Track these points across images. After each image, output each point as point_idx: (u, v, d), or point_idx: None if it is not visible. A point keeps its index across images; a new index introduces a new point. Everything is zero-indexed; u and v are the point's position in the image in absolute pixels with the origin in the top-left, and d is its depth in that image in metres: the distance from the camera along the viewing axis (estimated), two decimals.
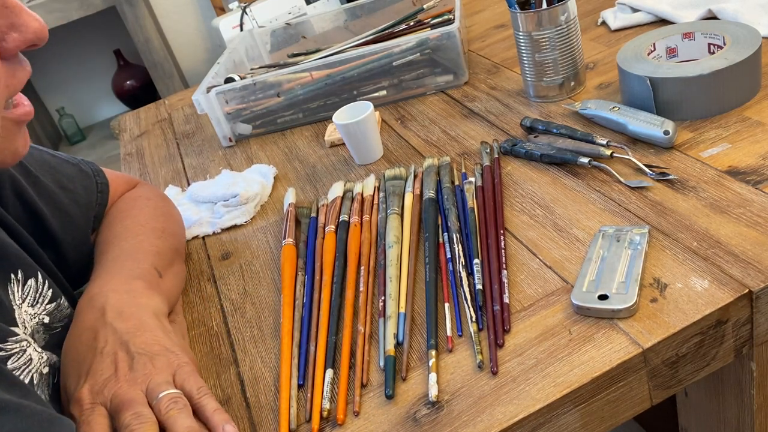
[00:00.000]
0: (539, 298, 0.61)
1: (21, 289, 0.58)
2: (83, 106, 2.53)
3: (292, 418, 0.57)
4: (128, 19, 2.06)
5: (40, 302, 0.60)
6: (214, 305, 0.75)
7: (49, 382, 0.56)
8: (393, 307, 0.64)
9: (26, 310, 0.58)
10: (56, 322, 0.60)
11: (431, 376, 0.56)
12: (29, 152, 0.72)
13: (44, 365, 0.56)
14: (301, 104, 1.09)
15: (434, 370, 0.57)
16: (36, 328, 0.58)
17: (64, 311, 0.62)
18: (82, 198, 0.75)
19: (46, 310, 0.60)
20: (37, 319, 0.58)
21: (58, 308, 0.61)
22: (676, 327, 0.54)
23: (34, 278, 0.60)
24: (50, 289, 0.62)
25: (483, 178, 0.79)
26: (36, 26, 0.50)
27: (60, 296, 0.63)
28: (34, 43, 0.50)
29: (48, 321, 0.59)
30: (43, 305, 0.60)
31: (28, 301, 0.58)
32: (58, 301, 0.62)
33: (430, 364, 0.57)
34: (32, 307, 0.58)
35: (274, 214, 0.88)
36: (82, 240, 0.74)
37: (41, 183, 0.71)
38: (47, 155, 0.75)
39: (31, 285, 0.60)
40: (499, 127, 0.90)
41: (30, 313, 0.58)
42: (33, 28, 0.49)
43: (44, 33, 0.50)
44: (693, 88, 0.76)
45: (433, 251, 0.69)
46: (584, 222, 0.68)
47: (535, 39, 0.88)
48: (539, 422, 0.52)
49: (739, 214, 0.63)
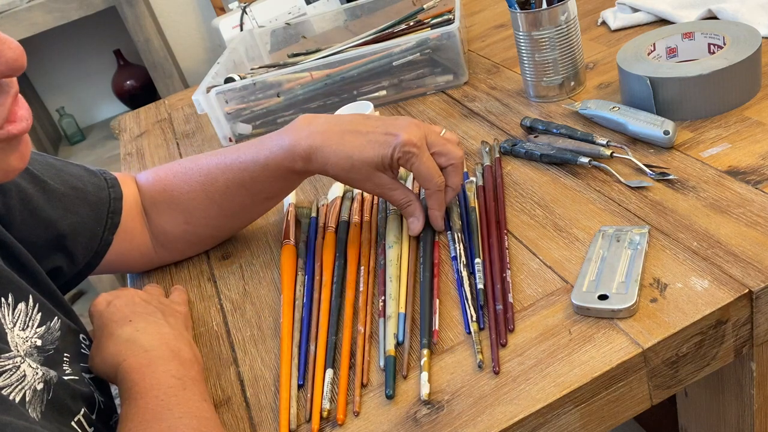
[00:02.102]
0: (539, 298, 0.61)
1: (11, 313, 0.58)
2: (83, 106, 2.53)
3: (292, 418, 0.57)
4: (128, 19, 2.06)
5: (31, 326, 0.59)
6: (214, 305, 0.75)
7: (43, 399, 0.55)
8: (393, 307, 0.64)
9: (18, 334, 0.57)
10: (48, 345, 0.60)
11: (423, 375, 0.56)
12: (33, 158, 0.73)
13: (39, 381, 0.55)
14: (301, 104, 1.09)
15: (426, 369, 0.57)
16: (29, 351, 0.57)
17: (55, 333, 0.61)
18: (92, 196, 0.75)
19: (36, 334, 0.59)
20: (29, 342, 0.58)
21: (48, 331, 0.61)
22: (676, 327, 0.54)
23: (24, 302, 0.60)
24: (39, 312, 0.61)
25: (484, 177, 0.79)
26: (9, 56, 0.46)
27: (50, 319, 0.62)
28: (8, 74, 0.47)
29: (41, 344, 0.59)
30: (33, 329, 0.59)
31: (19, 325, 0.58)
32: (48, 325, 0.61)
33: (422, 363, 0.57)
34: (23, 331, 0.58)
35: (274, 214, 0.88)
36: (92, 237, 0.74)
37: (50, 187, 0.71)
38: (51, 159, 0.75)
39: (21, 309, 0.59)
40: (499, 127, 0.90)
41: (22, 337, 0.57)
42: (6, 58, 0.46)
43: (18, 63, 0.46)
44: (693, 88, 0.76)
45: (429, 251, 0.69)
46: (584, 222, 0.68)
47: (535, 39, 0.88)
48: (539, 422, 0.52)
49: (739, 214, 0.62)
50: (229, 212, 0.77)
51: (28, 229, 0.68)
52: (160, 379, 0.55)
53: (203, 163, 0.76)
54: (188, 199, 0.76)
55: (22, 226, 0.67)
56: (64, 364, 0.60)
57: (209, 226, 0.79)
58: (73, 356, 0.62)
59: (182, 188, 0.77)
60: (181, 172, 0.77)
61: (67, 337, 0.62)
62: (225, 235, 0.83)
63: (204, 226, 0.79)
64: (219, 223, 0.79)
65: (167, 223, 0.78)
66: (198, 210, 0.77)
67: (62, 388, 0.56)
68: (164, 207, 0.78)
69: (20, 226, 0.67)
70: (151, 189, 0.79)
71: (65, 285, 0.74)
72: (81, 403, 0.58)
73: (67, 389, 0.57)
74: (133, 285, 0.84)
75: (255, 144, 0.73)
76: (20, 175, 0.69)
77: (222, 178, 0.74)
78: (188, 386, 0.55)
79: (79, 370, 0.61)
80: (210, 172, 0.75)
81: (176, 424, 0.52)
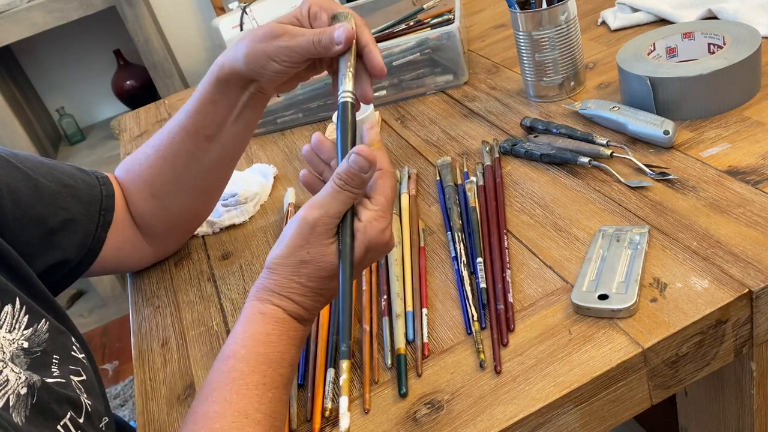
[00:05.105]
0: (539, 298, 0.61)
1: None
2: (83, 106, 2.53)
3: (293, 417, 0.57)
4: (128, 19, 2.06)
5: (17, 328, 0.59)
6: (214, 305, 0.75)
7: (27, 403, 0.54)
8: (400, 305, 0.64)
9: (4, 336, 0.57)
10: (35, 347, 0.60)
11: (342, 400, 0.50)
12: (24, 157, 0.73)
13: (22, 386, 0.54)
14: (301, 104, 1.09)
15: (346, 392, 0.50)
16: (15, 353, 0.57)
17: (42, 336, 0.61)
18: (84, 194, 0.75)
19: (23, 336, 0.59)
20: (15, 344, 0.58)
21: (35, 333, 0.60)
22: (676, 327, 0.54)
23: (11, 304, 0.60)
24: (27, 314, 0.61)
25: (484, 177, 0.79)
26: None
27: (38, 321, 0.62)
28: None
29: (27, 346, 0.59)
30: (20, 331, 0.59)
31: (5, 327, 0.58)
32: (35, 327, 0.61)
33: (341, 381, 0.51)
34: (10, 333, 0.58)
35: (274, 214, 0.88)
36: (85, 235, 0.74)
37: (41, 185, 0.71)
38: (42, 158, 0.76)
39: (8, 311, 0.59)
40: (499, 127, 0.90)
41: (8, 339, 0.57)
42: None
43: None
44: (693, 88, 0.76)
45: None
46: (584, 222, 0.68)
47: (535, 39, 0.88)
48: (539, 422, 0.52)
49: (739, 214, 0.63)
50: (181, 167, 0.76)
51: (19, 228, 0.68)
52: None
53: (157, 133, 0.78)
54: (146, 167, 0.78)
55: (14, 225, 0.67)
56: (53, 366, 0.60)
57: (171, 195, 0.78)
58: (62, 358, 0.61)
59: (140, 160, 0.78)
60: (140, 150, 0.79)
61: (56, 339, 0.62)
62: (191, 205, 0.81)
63: (168, 194, 0.78)
64: (179, 187, 0.78)
65: (139, 203, 0.79)
66: (157, 176, 0.77)
67: (46, 392, 0.56)
68: (132, 188, 0.79)
69: (12, 226, 0.67)
70: (123, 178, 0.80)
71: (60, 283, 0.74)
72: (67, 407, 0.57)
73: (52, 393, 0.56)
74: (132, 284, 0.84)
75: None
76: (12, 174, 0.69)
77: (166, 130, 0.76)
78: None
79: (67, 373, 0.61)
80: (159, 134, 0.77)
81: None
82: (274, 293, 0.54)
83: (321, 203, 0.53)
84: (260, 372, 0.52)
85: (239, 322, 0.55)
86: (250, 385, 0.51)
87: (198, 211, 0.83)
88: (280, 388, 0.53)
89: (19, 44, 2.27)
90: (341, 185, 0.53)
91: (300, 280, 0.54)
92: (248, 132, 0.76)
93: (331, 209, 0.53)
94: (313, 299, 0.55)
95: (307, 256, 0.53)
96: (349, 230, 0.53)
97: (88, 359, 0.65)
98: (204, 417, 0.50)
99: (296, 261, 0.54)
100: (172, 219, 0.81)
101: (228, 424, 0.49)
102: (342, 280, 0.52)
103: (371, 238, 0.53)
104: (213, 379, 0.53)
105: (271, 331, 0.53)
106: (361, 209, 0.54)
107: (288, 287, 0.54)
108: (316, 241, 0.53)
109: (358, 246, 0.53)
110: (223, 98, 0.71)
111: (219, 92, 0.71)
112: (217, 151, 0.75)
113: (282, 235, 0.55)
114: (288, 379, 0.54)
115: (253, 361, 0.52)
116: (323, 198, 0.53)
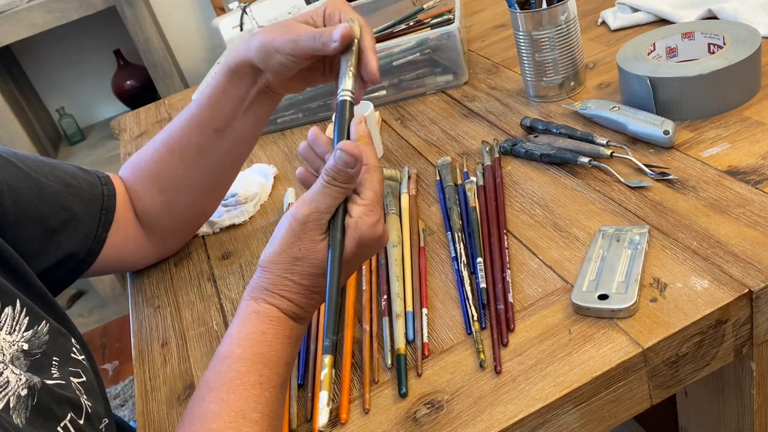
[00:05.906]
0: (539, 298, 0.61)
1: None
2: (83, 106, 2.53)
3: (293, 417, 0.57)
4: (128, 19, 2.06)
5: (18, 330, 0.59)
6: (214, 305, 0.75)
7: (28, 405, 0.54)
8: (400, 305, 0.64)
9: (5, 338, 0.57)
10: (35, 349, 0.60)
11: (322, 395, 0.48)
12: (25, 157, 0.73)
13: (23, 387, 0.54)
14: (301, 104, 1.09)
15: (326, 387, 0.48)
16: (16, 354, 0.57)
17: (42, 338, 0.61)
18: (85, 193, 0.75)
19: (24, 338, 0.59)
20: (16, 346, 0.58)
21: (36, 335, 0.60)
22: (676, 327, 0.54)
23: (11, 306, 0.59)
24: (27, 316, 0.61)
25: (484, 177, 0.79)
26: None
27: (38, 323, 0.62)
28: None
29: (27, 348, 0.59)
30: (20, 332, 0.59)
31: (5, 329, 0.58)
32: (36, 328, 0.61)
33: (323, 377, 0.49)
34: (10, 335, 0.58)
35: (274, 214, 0.88)
36: (86, 234, 0.74)
37: (43, 184, 0.71)
38: (43, 158, 0.76)
39: (8, 313, 0.59)
40: (499, 127, 0.90)
41: (9, 341, 0.57)
42: None
43: None
44: (693, 88, 0.76)
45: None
46: (584, 222, 0.68)
47: (535, 39, 0.88)
48: (539, 422, 0.52)
49: (739, 214, 0.63)
50: (190, 161, 0.77)
51: (20, 228, 0.68)
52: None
53: (166, 127, 0.78)
54: (154, 162, 0.78)
55: (15, 225, 0.67)
56: (53, 368, 0.60)
57: (178, 190, 0.79)
58: (62, 360, 0.61)
59: (148, 156, 0.79)
60: (147, 146, 0.79)
61: (56, 341, 0.62)
62: (197, 201, 0.81)
63: (175, 190, 0.79)
64: (187, 182, 0.78)
65: (145, 198, 0.79)
66: (165, 171, 0.78)
67: (47, 393, 0.56)
68: (139, 184, 0.79)
69: (13, 225, 0.67)
70: (129, 175, 0.81)
71: (60, 283, 0.74)
72: (67, 409, 0.57)
73: (52, 395, 0.57)
74: (132, 284, 0.84)
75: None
76: (13, 174, 0.69)
77: (177, 123, 0.77)
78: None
79: (67, 375, 0.61)
80: (168, 128, 0.77)
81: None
82: (268, 292, 0.54)
83: (311, 199, 0.53)
84: (257, 371, 0.52)
85: (234, 322, 0.55)
86: (247, 385, 0.51)
87: (203, 209, 0.83)
88: (276, 387, 0.53)
89: (19, 44, 2.27)
90: (329, 181, 0.53)
91: (293, 278, 0.54)
92: (256, 130, 0.77)
93: (321, 205, 0.53)
94: (307, 297, 0.55)
95: (299, 253, 0.53)
96: (339, 225, 0.53)
97: (88, 361, 0.65)
98: (201, 417, 0.50)
99: (288, 258, 0.54)
100: (178, 216, 0.81)
101: (225, 425, 0.49)
102: (330, 274, 0.52)
103: (362, 233, 0.53)
104: (209, 379, 0.53)
105: (267, 330, 0.54)
106: (351, 205, 0.54)
107: (282, 285, 0.54)
108: (307, 238, 0.53)
109: (349, 241, 0.53)
110: (233, 88, 0.73)
111: (230, 81, 0.72)
112: (226, 147, 0.76)
113: (274, 233, 0.55)
114: (285, 378, 0.54)
115: (250, 360, 0.52)
116: (313, 194, 0.54)
